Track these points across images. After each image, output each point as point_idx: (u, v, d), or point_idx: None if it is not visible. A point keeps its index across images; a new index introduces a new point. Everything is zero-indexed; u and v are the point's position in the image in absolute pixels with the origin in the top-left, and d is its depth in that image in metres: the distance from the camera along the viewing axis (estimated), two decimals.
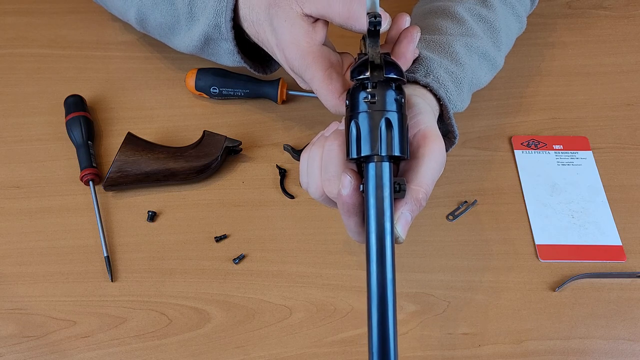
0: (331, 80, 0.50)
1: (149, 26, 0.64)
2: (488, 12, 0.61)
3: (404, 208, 0.43)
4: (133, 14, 0.64)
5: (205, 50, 0.62)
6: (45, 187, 0.63)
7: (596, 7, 0.82)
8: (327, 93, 0.50)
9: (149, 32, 0.67)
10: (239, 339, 0.53)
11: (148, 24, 0.64)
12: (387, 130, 0.42)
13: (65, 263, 0.57)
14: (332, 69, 0.50)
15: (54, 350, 0.52)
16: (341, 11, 0.47)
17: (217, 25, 0.57)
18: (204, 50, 0.62)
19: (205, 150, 0.62)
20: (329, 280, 0.57)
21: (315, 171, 0.46)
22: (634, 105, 0.70)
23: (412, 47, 0.50)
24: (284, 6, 0.50)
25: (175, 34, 0.62)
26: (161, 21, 0.62)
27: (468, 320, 0.54)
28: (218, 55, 0.62)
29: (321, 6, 0.48)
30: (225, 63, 0.62)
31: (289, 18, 0.50)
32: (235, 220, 0.60)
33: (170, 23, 0.61)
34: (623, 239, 0.59)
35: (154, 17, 0.62)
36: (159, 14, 0.61)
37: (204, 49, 0.61)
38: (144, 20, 0.64)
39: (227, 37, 0.57)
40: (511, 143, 0.67)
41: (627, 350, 0.53)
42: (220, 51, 0.60)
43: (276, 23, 0.51)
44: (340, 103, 0.49)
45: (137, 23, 0.65)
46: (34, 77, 0.72)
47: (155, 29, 0.64)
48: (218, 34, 0.58)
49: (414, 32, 0.50)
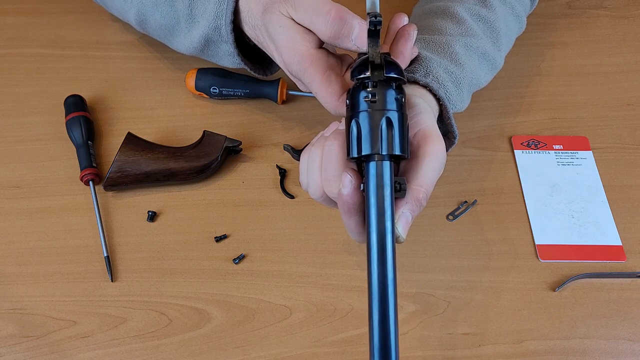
0: (330, 82, 0.49)
1: (149, 27, 0.64)
2: (488, 12, 0.61)
3: (404, 208, 0.43)
4: (133, 14, 0.64)
5: (205, 52, 0.62)
6: (45, 187, 0.63)
7: (596, 7, 0.82)
8: (326, 95, 0.50)
9: (148, 33, 0.67)
10: (238, 339, 0.53)
11: (148, 25, 0.64)
12: (387, 129, 0.42)
13: (65, 263, 0.57)
14: (331, 70, 0.50)
15: (54, 350, 0.52)
16: (325, 31, 0.47)
17: (217, 27, 0.57)
18: (204, 52, 0.62)
19: (205, 150, 0.62)
20: (329, 280, 0.57)
21: (315, 171, 0.46)
22: (634, 105, 0.70)
23: (410, 44, 0.50)
24: (276, 12, 0.50)
25: (175, 36, 0.62)
26: (161, 22, 0.62)
27: (468, 320, 0.54)
28: (218, 57, 0.62)
29: (308, 21, 0.48)
30: (226, 65, 0.62)
31: (282, 24, 0.50)
32: (235, 220, 0.60)
33: (170, 25, 0.61)
34: (623, 239, 0.59)
35: (154, 19, 0.62)
36: (159, 15, 0.61)
37: (204, 50, 0.61)
38: (144, 22, 0.64)
39: (227, 39, 0.57)
40: (511, 143, 0.67)
41: (627, 350, 0.53)
42: (221, 53, 0.60)
43: (271, 29, 0.51)
44: (340, 104, 0.49)
45: (137, 24, 0.65)
46: (34, 77, 0.72)
47: (155, 30, 0.64)
48: (218, 36, 0.58)
49: (411, 30, 0.50)
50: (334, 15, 0.46)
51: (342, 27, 0.47)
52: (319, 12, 0.47)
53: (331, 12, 0.47)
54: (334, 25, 0.47)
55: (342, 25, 0.47)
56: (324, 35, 0.48)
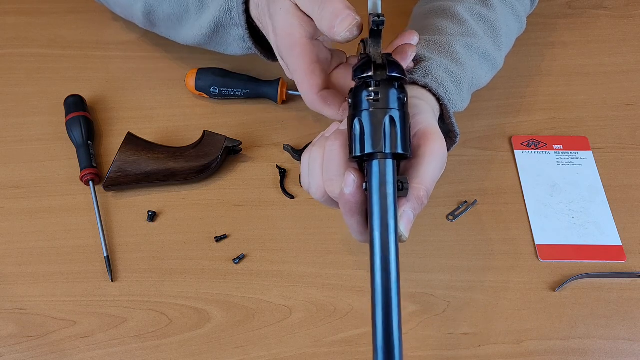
0: (313, 75, 0.49)
1: (157, 19, 0.64)
2: (488, 12, 0.61)
3: (406, 206, 0.43)
4: (140, 7, 0.63)
5: (213, 39, 0.61)
6: (45, 187, 0.63)
7: (596, 7, 0.82)
8: (306, 87, 0.50)
9: (154, 26, 0.66)
10: (238, 339, 0.53)
11: (156, 17, 0.64)
12: (391, 127, 0.42)
13: (65, 263, 0.57)
14: (318, 64, 0.50)
15: (54, 350, 0.52)
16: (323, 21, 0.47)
17: (229, 9, 0.57)
18: (212, 39, 0.62)
19: (205, 150, 0.62)
20: (329, 280, 0.57)
21: (316, 171, 0.46)
22: (634, 105, 0.70)
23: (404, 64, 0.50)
24: None
25: (184, 24, 0.62)
26: (170, 12, 0.62)
27: (468, 320, 0.54)
28: (227, 43, 0.61)
29: (310, 9, 0.48)
30: (234, 51, 0.62)
31: (284, 7, 0.49)
32: (235, 220, 0.60)
33: (179, 13, 0.61)
34: (623, 239, 0.59)
35: (162, 9, 0.62)
36: (167, 5, 0.61)
37: (212, 37, 0.61)
38: (152, 13, 0.63)
39: (239, 22, 0.57)
40: (511, 143, 0.67)
41: (627, 350, 0.53)
42: (230, 39, 0.60)
43: (273, 10, 0.50)
44: (318, 99, 0.49)
45: (143, 16, 0.65)
46: (34, 77, 0.72)
47: (163, 21, 0.64)
48: (229, 19, 0.58)
49: (409, 50, 0.50)
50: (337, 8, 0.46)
51: None
52: (323, 1, 0.47)
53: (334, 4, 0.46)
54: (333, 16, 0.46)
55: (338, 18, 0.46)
56: (323, 25, 0.47)
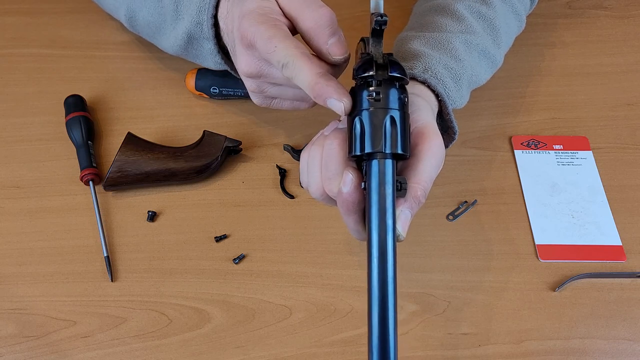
0: (310, 57, 0.46)
1: (138, 25, 0.64)
2: (488, 10, 0.61)
3: (403, 206, 0.43)
4: (123, 12, 0.63)
5: (189, 51, 0.60)
6: (45, 187, 0.63)
7: (596, 7, 0.82)
8: (308, 67, 0.44)
9: (138, 32, 0.66)
10: (239, 339, 0.53)
11: (137, 23, 0.63)
12: (391, 127, 0.42)
13: (65, 263, 0.57)
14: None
15: (54, 350, 0.52)
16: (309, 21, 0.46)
17: (199, 22, 0.56)
18: (188, 51, 0.61)
19: (205, 150, 0.62)
20: (329, 280, 0.57)
21: (315, 170, 0.46)
22: (634, 105, 0.70)
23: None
24: None
25: (162, 33, 0.61)
26: (149, 20, 0.61)
27: (468, 320, 0.54)
28: (202, 56, 0.60)
29: (296, 6, 0.47)
30: (209, 65, 0.61)
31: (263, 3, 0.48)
32: (235, 220, 0.60)
33: (158, 22, 0.60)
34: (623, 239, 0.59)
35: (142, 16, 0.61)
36: (147, 12, 0.61)
37: (187, 49, 0.60)
38: (133, 19, 0.63)
39: (208, 35, 0.55)
40: (511, 143, 0.67)
41: (627, 350, 0.53)
42: (203, 52, 0.59)
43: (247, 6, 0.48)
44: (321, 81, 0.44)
45: (127, 21, 0.65)
46: (34, 77, 0.72)
47: (144, 28, 0.63)
48: (200, 32, 0.56)
49: None
50: (326, 11, 0.46)
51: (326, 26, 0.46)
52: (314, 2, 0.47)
53: (324, 8, 0.46)
54: (321, 19, 0.46)
55: (328, 24, 0.46)
56: (306, 24, 0.46)
